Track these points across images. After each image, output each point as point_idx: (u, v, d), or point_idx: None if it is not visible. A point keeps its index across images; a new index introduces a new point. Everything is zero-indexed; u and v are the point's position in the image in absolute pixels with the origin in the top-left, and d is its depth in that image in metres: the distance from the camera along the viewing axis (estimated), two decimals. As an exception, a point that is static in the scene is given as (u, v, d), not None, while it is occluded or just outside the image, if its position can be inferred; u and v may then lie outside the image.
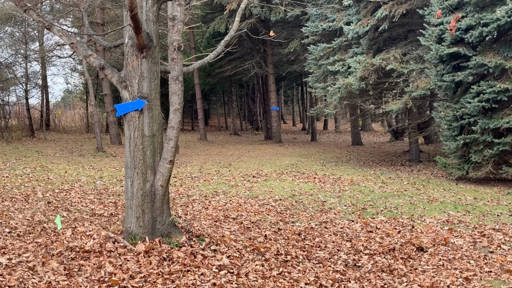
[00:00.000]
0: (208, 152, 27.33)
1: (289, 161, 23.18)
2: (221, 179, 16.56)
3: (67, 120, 43.93)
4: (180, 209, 11.17)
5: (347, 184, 16.19)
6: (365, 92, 20.88)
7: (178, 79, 7.31)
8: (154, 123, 7.39)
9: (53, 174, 15.98)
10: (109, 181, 15.25)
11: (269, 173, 18.58)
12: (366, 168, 20.90)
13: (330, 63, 22.36)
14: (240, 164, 21.55)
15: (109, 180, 15.43)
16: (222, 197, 13.15)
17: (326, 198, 13.36)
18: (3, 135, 28.75)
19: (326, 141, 38.36)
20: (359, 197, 13.71)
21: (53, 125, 39.83)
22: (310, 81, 24.81)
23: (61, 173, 16.34)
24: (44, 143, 28.64)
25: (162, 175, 7.33)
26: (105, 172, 17.27)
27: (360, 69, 19.77)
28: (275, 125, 34.66)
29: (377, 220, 10.55)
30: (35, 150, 24.39)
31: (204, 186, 14.95)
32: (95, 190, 13.31)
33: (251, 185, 15.48)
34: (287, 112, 76.36)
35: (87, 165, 19.28)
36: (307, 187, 15.26)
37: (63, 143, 28.79)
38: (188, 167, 19.99)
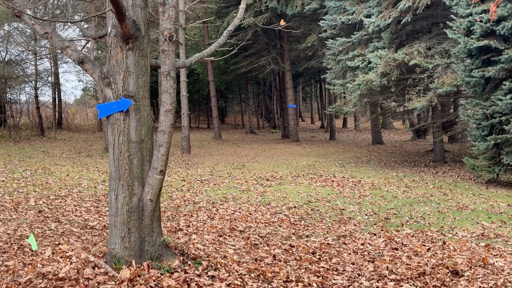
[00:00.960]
0: (222, 152, 26.25)
1: (306, 162, 22.03)
2: (232, 183, 15.47)
3: (81, 118, 43.11)
4: (183, 219, 10.08)
5: (367, 188, 15.02)
6: (386, 89, 19.67)
7: (170, 74, 6.19)
8: (142, 127, 6.29)
9: (53, 178, 14.98)
10: (112, 185, 14.20)
11: (284, 175, 17.46)
12: (388, 170, 19.69)
13: (350, 58, 21.15)
14: (254, 165, 20.45)
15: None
16: (231, 204, 12.05)
17: (345, 206, 12.20)
18: (11, 134, 27.90)
19: (345, 140, 37.11)
20: (381, 204, 12.53)
21: (66, 124, 39.03)
22: (328, 78, 23.60)
23: (62, 177, 15.34)
24: (53, 142, 27.76)
25: (151, 187, 6.23)
26: (109, 175, 16.25)
27: (381, 64, 18.56)
28: (292, 124, 33.49)
29: (402, 233, 9.37)
30: (41, 150, 23.48)
31: (213, 191, 13.86)
32: (94, 197, 12.26)
33: (264, 189, 14.36)
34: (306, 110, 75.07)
35: (92, 167, 18.29)
36: (324, 192, 14.11)
37: (72, 143, 27.89)
38: (199, 169, 18.93)
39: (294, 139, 33.17)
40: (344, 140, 37.10)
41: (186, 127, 23.72)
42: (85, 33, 8.14)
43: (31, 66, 34.84)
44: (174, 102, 6.29)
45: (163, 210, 10.91)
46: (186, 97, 23.76)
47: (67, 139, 30.12)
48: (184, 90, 23.71)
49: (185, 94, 23.72)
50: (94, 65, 6.38)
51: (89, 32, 7.71)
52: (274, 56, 32.57)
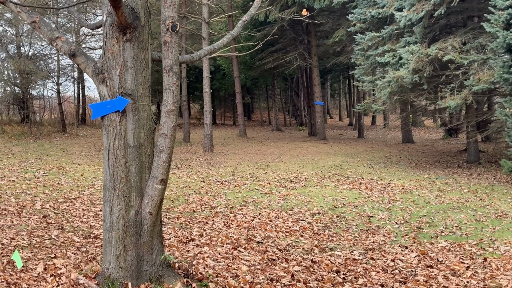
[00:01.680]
0: (246, 150, 25.45)
1: (333, 162, 21.13)
2: (254, 184, 14.66)
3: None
4: (197, 227, 9.29)
5: (397, 192, 14.09)
6: (418, 86, 18.66)
7: (172, 69, 5.38)
8: (141, 129, 5.52)
9: (66, 178, 14.33)
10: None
11: (309, 176, 16.60)
12: (419, 171, 18.70)
13: (379, 53, 20.16)
14: (278, 165, 19.61)
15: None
16: (250, 209, 11.24)
17: (373, 212, 11.31)
18: (32, 130, 27.42)
19: (374, 138, 36.06)
20: (412, 210, 11.61)
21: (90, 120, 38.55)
22: (356, 74, 22.65)
23: (76, 177, 14.69)
24: (74, 139, 27.23)
25: (151, 199, 5.44)
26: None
27: (413, 60, 17.56)
28: (319, 121, 32.54)
29: (437, 247, 8.46)
30: (60, 147, 22.92)
31: (233, 194, 13.06)
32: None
33: (287, 192, 13.52)
34: (334, 106, 73.92)
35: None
36: (351, 196, 13.23)
37: (94, 140, 27.33)
38: (220, 169, 18.16)
39: (321, 137, 32.24)
40: (373, 138, 36.05)
41: (208, 124, 22.96)
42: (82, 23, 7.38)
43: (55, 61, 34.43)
44: (177, 102, 5.48)
45: (177, 216, 10.14)
46: (209, 94, 22.98)
47: (88, 136, 29.60)
48: (206, 87, 22.94)
49: (207, 91, 22.94)
50: (87, 59, 5.61)
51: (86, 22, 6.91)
52: (301, 51, 31.64)
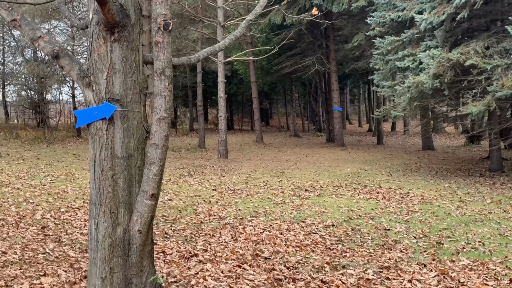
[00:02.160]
0: (262, 157, 24.92)
1: (350, 169, 20.52)
2: (267, 193, 14.12)
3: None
4: (202, 241, 8.77)
5: (417, 202, 13.46)
6: (439, 91, 18.00)
7: (164, 73, 4.87)
8: (130, 138, 5.01)
9: (73, 185, 13.89)
10: (134, 195, 13.03)
11: (325, 185, 16.02)
12: (440, 180, 18.03)
13: (399, 58, 19.53)
14: (294, 173, 19.06)
15: (135, 193, 13.23)
16: (261, 221, 10.70)
17: (391, 224, 10.70)
18: (45, 135, 27.13)
19: (393, 145, 35.36)
20: (432, 222, 10.99)
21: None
22: (375, 79, 22.03)
23: (83, 184, 14.25)
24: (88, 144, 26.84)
25: (140, 215, 4.93)
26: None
27: (434, 65, 16.91)
28: (337, 127, 31.93)
29: (458, 265, 7.84)
30: (73, 153, 22.56)
31: (244, 204, 12.53)
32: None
33: (301, 202, 12.96)
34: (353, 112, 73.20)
35: (120, 173, 17.23)
36: (368, 206, 12.63)
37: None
38: (234, 176, 17.65)
39: (339, 143, 31.62)
40: (392, 145, 35.35)
41: (223, 130, 22.45)
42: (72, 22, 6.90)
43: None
44: (170, 108, 4.97)
45: (183, 228, 9.63)
46: (223, 99, 22.48)
47: (104, 141, 29.26)
48: (221, 92, 22.44)
49: (222, 96, 22.43)
50: (72, 61, 5.10)
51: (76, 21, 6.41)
52: (319, 56, 31.08)
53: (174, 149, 26.25)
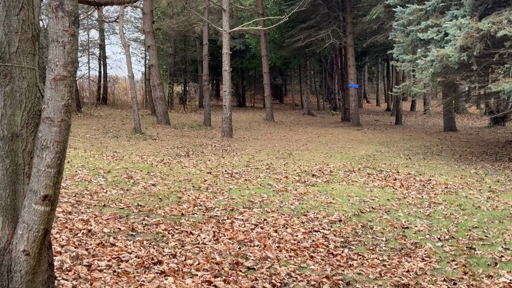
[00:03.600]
0: (270, 136, 23.15)
1: (365, 151, 18.72)
2: (268, 178, 12.40)
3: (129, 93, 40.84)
4: (174, 241, 7.06)
5: (440, 191, 11.65)
6: (466, 66, 16.09)
7: (63, 7, 3.10)
8: (16, 109, 3.30)
9: None
10: (115, 178, 11.35)
11: (335, 169, 14.27)
12: (464, 165, 16.20)
13: (422, 29, 17.56)
14: (303, 154, 17.32)
15: (116, 176, 11.53)
16: (255, 213, 8.98)
17: (409, 220, 8.93)
18: (41, 110, 25.51)
19: (412, 125, 33.37)
20: (459, 218, 9.20)
21: (112, 99, 36.73)
22: (395, 53, 20.03)
23: (61, 164, 12.63)
24: (87, 120, 25.29)
25: (27, 228, 3.21)
26: (122, 163, 13.45)
27: (461, 36, 14.98)
28: (353, 105, 29.97)
29: (498, 283, 6.06)
30: (65, 129, 20.95)
31: (239, 191, 10.80)
32: (79, 195, 9.38)
33: (305, 190, 11.21)
34: (371, 91, 70.92)
35: (109, 152, 15.60)
36: (383, 196, 10.86)
37: (108, 120, 25.34)
38: (235, 158, 15.95)
39: (355, 122, 29.71)
40: (411, 125, 33.37)
41: (228, 106, 20.64)
42: None
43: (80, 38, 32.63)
44: (72, 64, 3.21)
45: (156, 222, 7.92)
46: (228, 72, 20.60)
47: (104, 116, 27.62)
48: (226, 65, 20.56)
49: (227, 69, 20.55)
50: None
51: None
52: (335, 29, 28.96)
53: (177, 126, 24.55)
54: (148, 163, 13.76)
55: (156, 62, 23.13)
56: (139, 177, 11.66)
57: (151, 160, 14.32)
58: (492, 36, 14.88)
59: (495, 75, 15.12)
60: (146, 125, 23.67)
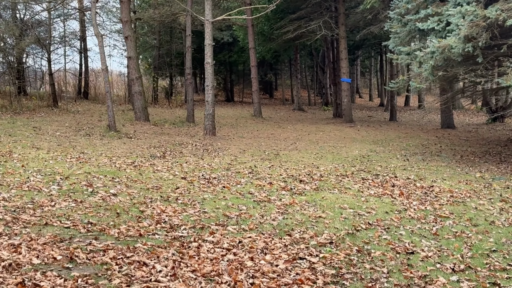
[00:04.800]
0: (257, 134, 21.63)
1: (358, 151, 17.27)
2: (249, 185, 10.91)
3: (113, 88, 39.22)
4: (120, 276, 5.54)
5: (445, 201, 10.20)
6: (470, 59, 14.64)
7: None
8: None
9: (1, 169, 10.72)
10: (71, 186, 9.77)
11: (326, 173, 12.80)
12: (467, 167, 14.79)
13: (421, 18, 16.07)
14: (291, 155, 15.85)
15: (73, 184, 9.96)
16: (229, 232, 7.47)
17: (414, 241, 7.45)
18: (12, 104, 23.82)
19: (407, 121, 31.92)
20: (472, 238, 7.74)
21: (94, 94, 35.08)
22: (390, 45, 18.48)
23: (16, 167, 11.08)
24: (61, 116, 23.63)
25: None
26: (86, 166, 11.89)
27: (465, 25, 13.49)
28: (345, 101, 28.43)
29: None
30: (34, 126, 19.31)
31: (215, 202, 9.28)
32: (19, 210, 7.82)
33: (292, 199, 9.70)
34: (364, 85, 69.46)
35: (77, 152, 14.05)
36: (380, 208, 9.38)
37: (83, 117, 23.69)
38: (216, 159, 14.45)
39: (347, 119, 28.20)
40: (406, 121, 31.91)
41: (210, 102, 19.03)
42: None
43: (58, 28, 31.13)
44: None
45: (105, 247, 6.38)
46: (211, 65, 18.97)
47: (82, 112, 25.96)
48: (209, 57, 18.91)
49: (210, 61, 18.92)
50: None
51: None
52: (327, 20, 27.31)
53: (157, 123, 22.90)
54: (116, 167, 12.22)
55: (134, 54, 21.46)
56: (101, 184, 10.10)
57: (120, 163, 12.78)
58: (500, 25, 13.43)
59: (504, 69, 13.66)
60: (124, 121, 22.09)
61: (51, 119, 21.78)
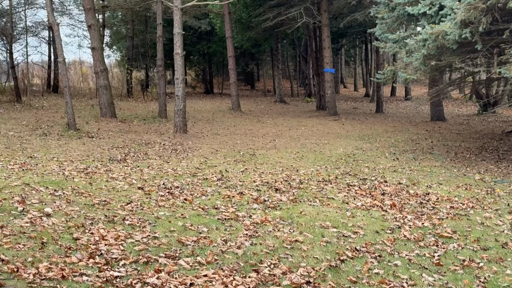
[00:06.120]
0: (233, 130, 19.99)
1: (343, 149, 15.74)
2: (216, 196, 9.32)
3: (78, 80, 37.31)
4: None
5: (444, 213, 8.68)
6: (466, 46, 13.13)
7: None
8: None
9: None
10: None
11: (306, 178, 11.25)
12: (464, 167, 13.32)
13: (410, 2, 14.51)
14: (268, 155, 14.28)
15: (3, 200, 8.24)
16: (180, 268, 5.87)
17: (414, 277, 5.91)
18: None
19: (395, 113, 30.41)
20: (484, 268, 6.22)
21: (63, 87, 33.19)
22: (377, 32, 16.89)
23: None
24: (22, 112, 21.80)
25: None
26: (28, 175, 10.19)
27: (461, 8, 11.94)
28: (329, 92, 26.79)
29: None
30: (-14, 124, 17.55)
31: (170, 222, 7.64)
32: None
33: (264, 216, 8.10)
34: (349, 75, 67.89)
35: (25, 157, 12.34)
36: (369, 225, 7.83)
37: (47, 113, 21.89)
38: (183, 161, 12.86)
39: (331, 112, 26.60)
40: (393, 113, 30.39)
41: (180, 97, 17.31)
42: None
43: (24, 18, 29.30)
44: None
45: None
46: (181, 56, 17.23)
47: (47, 108, 24.13)
48: (178, 47, 17.16)
49: (179, 52, 17.17)
50: None
51: None
52: (308, 6, 25.58)
53: (125, 119, 21.13)
54: (64, 174, 10.54)
55: (98, 44, 19.62)
56: (37, 200, 8.39)
57: (70, 169, 11.10)
58: (500, 7, 11.91)
59: (507, 57, 12.11)
60: (89, 118, 20.34)
61: (9, 116, 19.98)
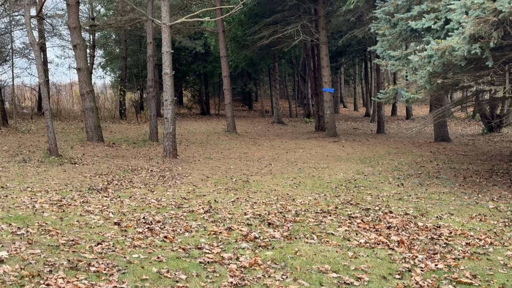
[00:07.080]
0: (227, 154, 18.93)
1: (343, 174, 14.68)
2: (202, 232, 8.25)
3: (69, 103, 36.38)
4: None
5: (460, 252, 7.61)
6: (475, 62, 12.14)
7: None
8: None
9: None
10: None
11: (303, 208, 10.20)
12: (475, 193, 12.25)
13: (414, 17, 13.55)
14: (263, 182, 13.23)
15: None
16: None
17: None
18: None
19: (396, 133, 29.37)
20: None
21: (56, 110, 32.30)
22: (378, 50, 15.89)
23: None
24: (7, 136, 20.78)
25: None
26: (-9, 210, 9.15)
27: (469, 22, 10.94)
28: (328, 113, 25.78)
29: None
30: (-37, 150, 16.51)
31: (142, 268, 6.55)
32: None
33: (253, 258, 7.01)
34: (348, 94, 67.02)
35: (-5, 187, 11.30)
36: (375, 269, 6.75)
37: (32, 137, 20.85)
38: (170, 189, 11.82)
39: (331, 133, 25.58)
40: (395, 133, 29.36)
41: (170, 119, 16.25)
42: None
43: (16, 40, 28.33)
44: None
45: None
46: (170, 77, 16.19)
47: (34, 131, 23.10)
48: (167, 66, 16.13)
49: (168, 72, 16.13)
50: None
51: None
52: (306, 23, 24.64)
53: (113, 143, 20.05)
54: (34, 208, 9.47)
55: (84, 65, 18.61)
56: (-6, 240, 7.34)
57: (43, 201, 10.03)
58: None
59: (520, 74, 11.10)
60: (75, 142, 19.30)
61: (-5, 141, 18.95)
